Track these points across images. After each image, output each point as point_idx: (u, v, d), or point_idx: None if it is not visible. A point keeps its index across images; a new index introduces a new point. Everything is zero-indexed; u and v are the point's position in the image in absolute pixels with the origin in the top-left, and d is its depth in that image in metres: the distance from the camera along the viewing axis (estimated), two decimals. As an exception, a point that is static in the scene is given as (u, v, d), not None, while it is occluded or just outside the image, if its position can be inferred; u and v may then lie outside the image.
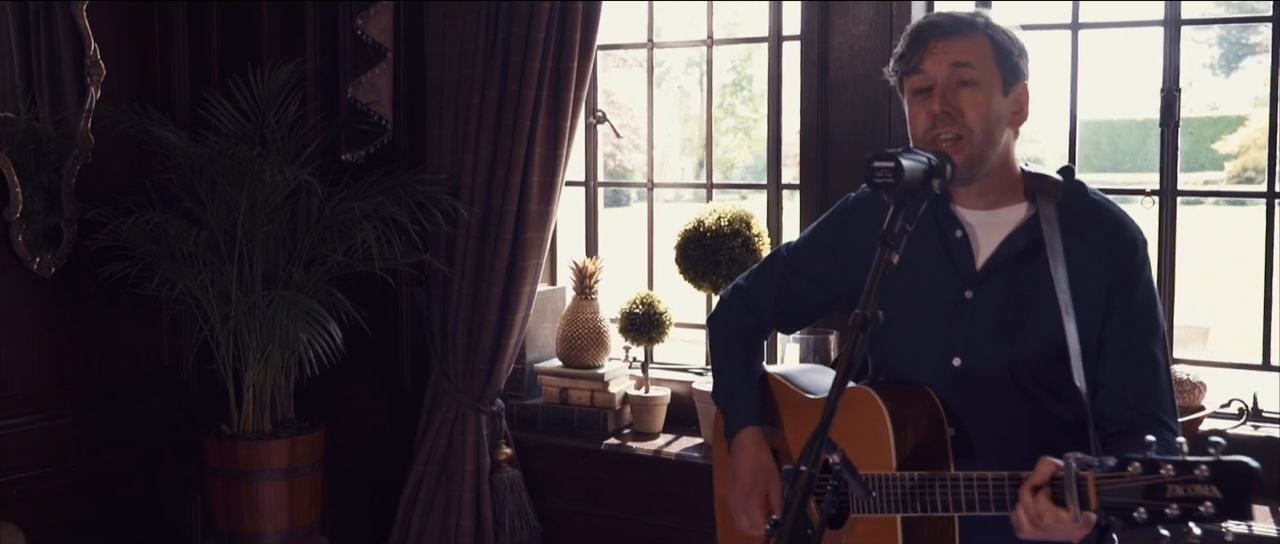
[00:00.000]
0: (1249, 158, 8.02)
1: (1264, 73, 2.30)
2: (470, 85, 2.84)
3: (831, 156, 2.90)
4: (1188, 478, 1.27)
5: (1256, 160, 7.90)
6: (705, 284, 2.86)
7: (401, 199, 2.78)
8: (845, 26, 2.84)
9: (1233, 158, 8.27)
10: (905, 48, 1.68)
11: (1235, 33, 8.52)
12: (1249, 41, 8.76)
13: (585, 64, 2.79)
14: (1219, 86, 2.70)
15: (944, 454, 1.61)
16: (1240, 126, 8.80)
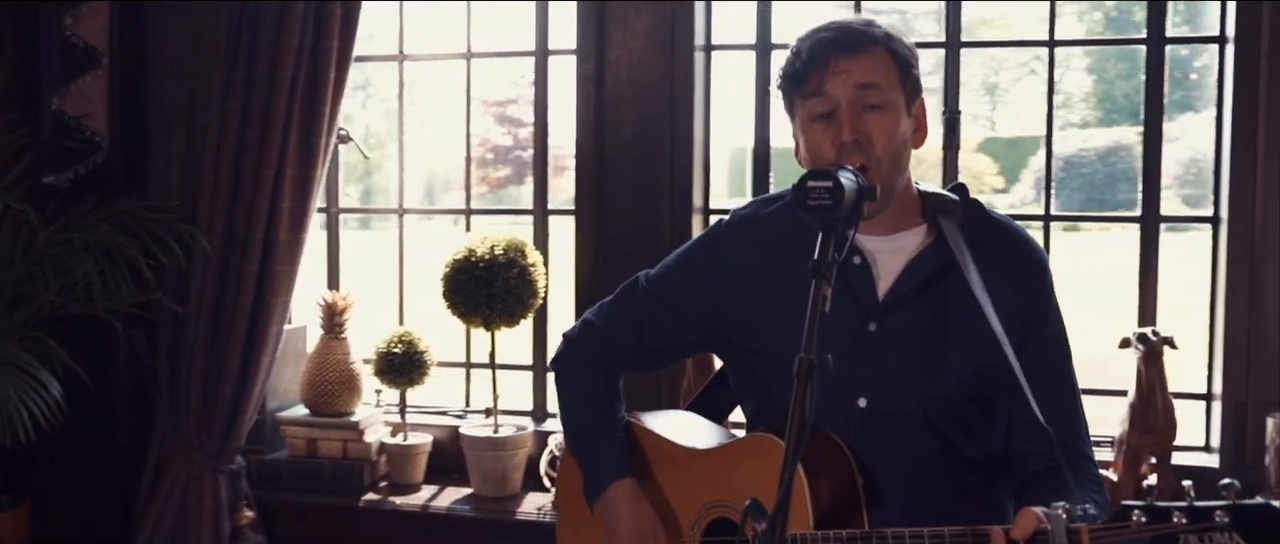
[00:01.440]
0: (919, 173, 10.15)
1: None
2: (207, 97, 3.08)
3: (608, 178, 3.41)
4: (1205, 526, 1.39)
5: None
6: (477, 319, 3.24)
7: (129, 228, 2.97)
8: (622, 40, 3.36)
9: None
10: (801, 66, 1.78)
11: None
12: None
13: (342, 74, 3.08)
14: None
15: (857, 505, 1.70)
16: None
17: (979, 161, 13.07)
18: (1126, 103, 14.97)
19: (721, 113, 3.44)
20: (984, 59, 15.47)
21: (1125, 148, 14.51)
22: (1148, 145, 3.19)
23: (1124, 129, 14.81)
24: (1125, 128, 14.90)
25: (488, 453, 3.28)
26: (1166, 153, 3.21)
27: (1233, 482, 1.41)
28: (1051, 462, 1.75)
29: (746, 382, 1.96)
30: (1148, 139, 3.19)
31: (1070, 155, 16.20)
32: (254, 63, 3.05)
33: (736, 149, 3.93)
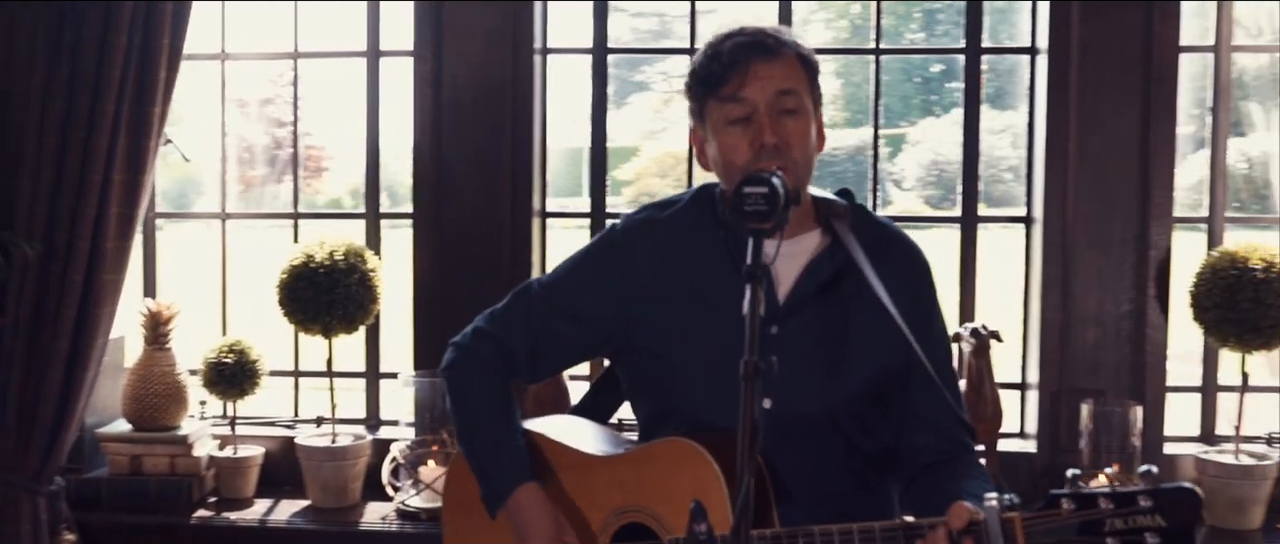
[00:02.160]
0: (644, 184, 10.69)
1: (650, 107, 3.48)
2: (26, 98, 3.22)
3: (446, 183, 3.72)
4: (1129, 510, 1.63)
5: (650, 186, 10.55)
6: (315, 327, 3.51)
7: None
8: (460, 42, 3.68)
9: (629, 184, 11.36)
10: (719, 69, 1.96)
11: (624, 71, 11.26)
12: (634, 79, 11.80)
13: (173, 74, 3.25)
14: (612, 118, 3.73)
15: (769, 504, 1.89)
16: (634, 156, 12.18)
17: None
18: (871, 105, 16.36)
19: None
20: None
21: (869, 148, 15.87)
22: (967, 149, 3.72)
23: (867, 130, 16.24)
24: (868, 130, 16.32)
25: (326, 463, 3.54)
26: (909, 156, 3.76)
27: (1150, 469, 1.68)
28: (941, 454, 2.05)
29: (645, 386, 2.17)
30: (967, 143, 3.72)
31: (823, 156, 17.45)
32: (79, 61, 3.22)
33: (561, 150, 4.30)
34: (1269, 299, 3.27)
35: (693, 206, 2.17)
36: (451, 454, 3.47)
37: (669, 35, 9.79)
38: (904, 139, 17.48)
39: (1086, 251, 3.54)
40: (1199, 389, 3.70)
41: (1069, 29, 3.51)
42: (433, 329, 3.68)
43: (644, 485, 2.03)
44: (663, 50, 5.87)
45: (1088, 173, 3.52)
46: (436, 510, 3.44)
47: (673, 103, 15.63)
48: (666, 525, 2.01)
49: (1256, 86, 4.68)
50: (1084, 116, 3.51)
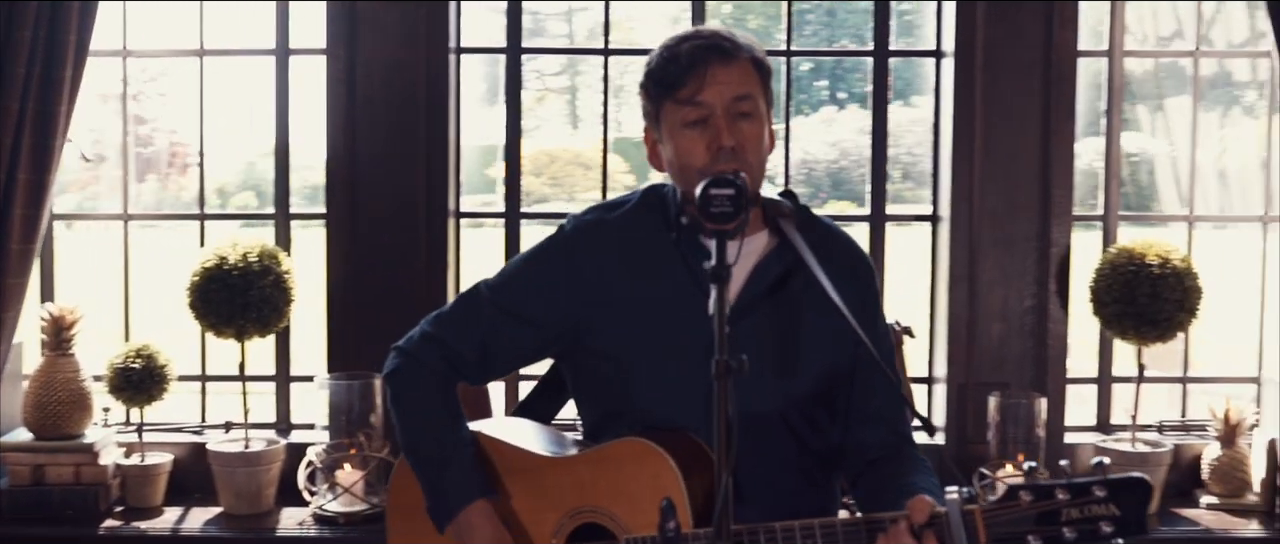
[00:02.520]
0: (523, 184, 11.41)
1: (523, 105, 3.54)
2: None
3: (360, 182, 3.67)
4: (1084, 500, 1.67)
5: (530, 185, 11.42)
6: (229, 330, 3.44)
7: None
8: (374, 40, 3.63)
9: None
10: (677, 72, 1.97)
11: (495, 69, 11.75)
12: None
13: (79, 71, 3.16)
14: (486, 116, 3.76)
15: (725, 505, 1.88)
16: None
17: (610, 161, 14.05)
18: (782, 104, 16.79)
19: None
20: (612, 62, 16.73)
21: None
22: (875, 150, 3.80)
23: None
24: None
25: (240, 469, 3.47)
26: (775, 155, 3.86)
27: (1103, 460, 1.71)
28: (887, 449, 2.09)
29: (595, 387, 2.15)
30: (875, 144, 3.80)
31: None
32: (-20, 58, 3.12)
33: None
34: (1165, 293, 3.41)
35: (642, 208, 2.17)
36: (369, 457, 3.44)
37: (542, 33, 9.89)
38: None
39: (991, 249, 3.64)
40: (1096, 381, 3.83)
41: (974, 32, 3.60)
42: (347, 331, 3.64)
43: (600, 486, 2.03)
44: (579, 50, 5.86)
45: (992, 172, 3.63)
46: (355, 514, 3.41)
47: (546, 100, 15.85)
48: (623, 525, 2.01)
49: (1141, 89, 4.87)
50: (988, 118, 3.61)
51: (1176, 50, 4.10)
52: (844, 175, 10.61)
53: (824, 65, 11.62)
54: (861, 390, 2.13)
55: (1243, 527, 3.48)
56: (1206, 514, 3.55)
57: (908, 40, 4.28)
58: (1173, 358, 3.89)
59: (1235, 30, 4.30)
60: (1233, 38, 4.28)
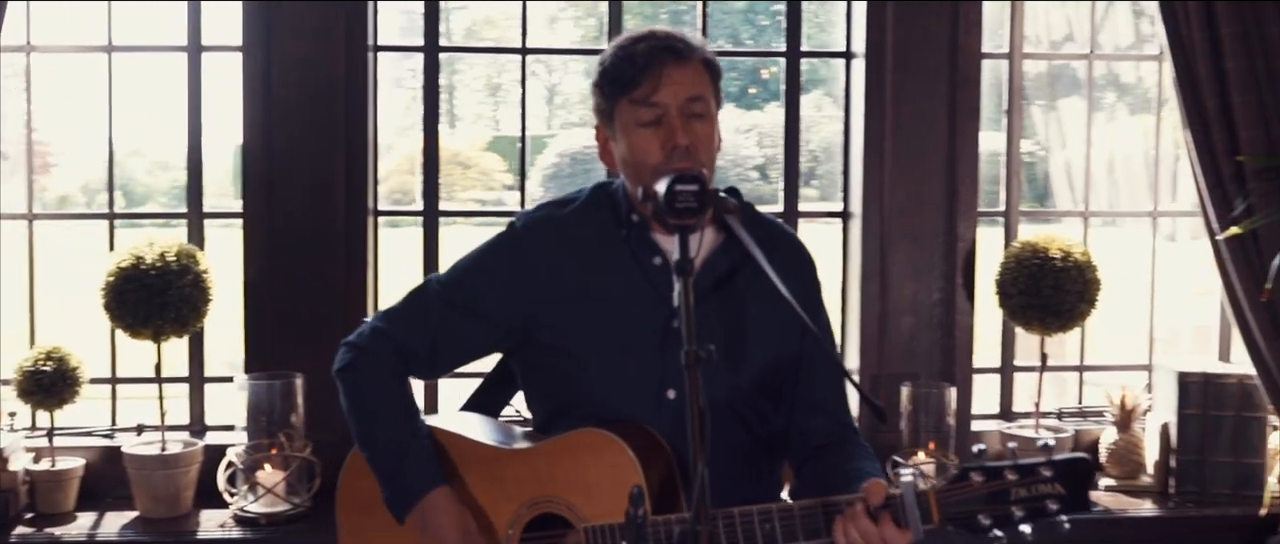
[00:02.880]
0: (396, 182, 11.19)
1: (402, 103, 3.57)
2: None
3: (278, 181, 3.63)
4: (1032, 480, 1.77)
5: (404, 183, 11.19)
6: (146, 331, 3.38)
7: None
8: (291, 38, 3.59)
9: (382, 181, 12.16)
10: (632, 72, 2.02)
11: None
12: (392, 75, 12.26)
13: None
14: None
15: (676, 491, 1.98)
16: (385, 153, 12.80)
17: (488, 159, 14.00)
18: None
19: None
20: (487, 61, 16.86)
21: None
22: (788, 148, 3.89)
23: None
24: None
25: (158, 471, 3.40)
26: None
27: (1048, 442, 1.84)
28: (831, 437, 2.17)
29: (548, 381, 2.19)
30: (788, 143, 3.89)
31: (576, 152, 17.96)
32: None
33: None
34: (1067, 286, 3.55)
35: (591, 205, 2.22)
36: (291, 458, 3.41)
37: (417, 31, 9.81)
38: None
39: (901, 243, 3.75)
40: (999, 370, 3.97)
41: (884, 34, 3.71)
42: (264, 331, 3.60)
43: (558, 476, 2.07)
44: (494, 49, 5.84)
45: (901, 170, 3.73)
46: (277, 515, 3.38)
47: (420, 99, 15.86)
48: (581, 514, 2.05)
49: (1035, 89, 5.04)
50: (897, 118, 3.72)
51: (1070, 53, 4.26)
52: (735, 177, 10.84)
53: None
54: (807, 380, 2.20)
55: (1139, 506, 3.64)
56: (1105, 496, 3.70)
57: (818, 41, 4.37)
58: (1070, 348, 4.06)
59: (1121, 34, 4.49)
60: (1119, 41, 4.46)
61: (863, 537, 1.84)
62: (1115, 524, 3.57)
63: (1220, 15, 3.28)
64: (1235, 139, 3.35)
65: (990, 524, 1.80)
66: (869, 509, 1.85)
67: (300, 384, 3.45)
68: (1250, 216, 3.33)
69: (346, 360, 2.20)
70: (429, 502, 2.08)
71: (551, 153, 18.57)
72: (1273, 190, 3.33)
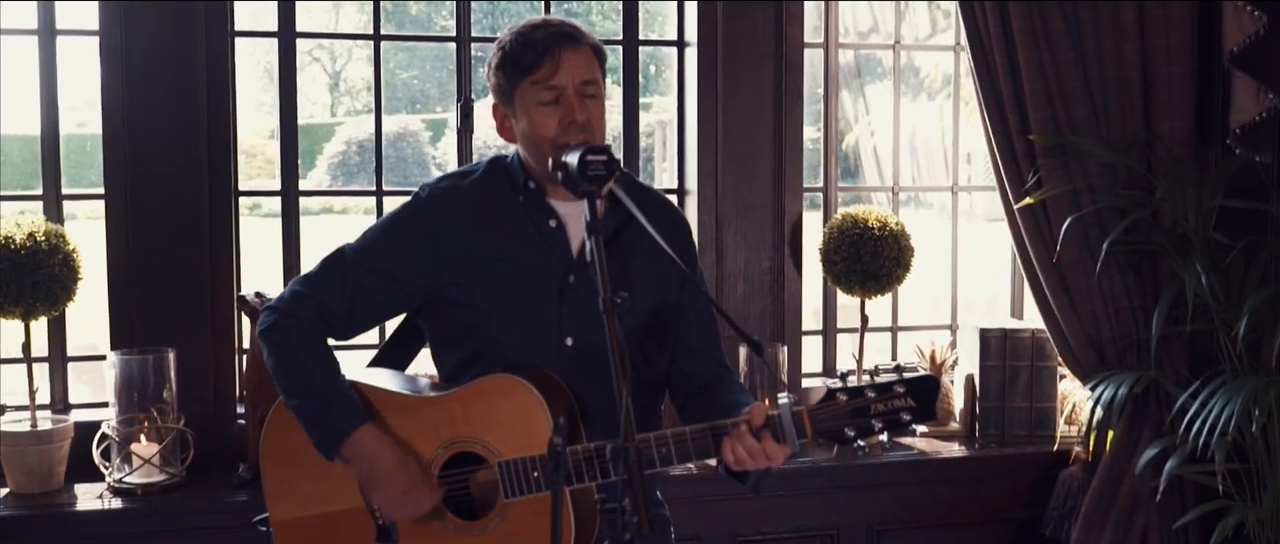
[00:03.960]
0: None
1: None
2: None
3: (141, 163, 3.69)
4: (888, 396, 2.13)
5: None
6: (15, 310, 3.42)
7: None
8: (150, 23, 3.66)
9: None
10: (532, 57, 2.28)
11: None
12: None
13: None
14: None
15: (578, 426, 2.26)
16: None
17: (272, 147, 13.96)
18: (405, 91, 16.94)
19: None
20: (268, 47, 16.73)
21: (412, 134, 16.47)
22: (627, 129, 4.18)
23: (405, 116, 16.83)
24: (406, 115, 16.95)
25: (32, 448, 3.46)
26: (450, 140, 4.21)
27: (899, 363, 2.22)
28: (710, 376, 2.47)
29: (455, 335, 2.43)
30: (627, 125, 4.18)
31: (363, 139, 17.96)
32: None
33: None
34: (884, 253, 3.94)
35: (489, 175, 2.46)
36: (164, 429, 3.52)
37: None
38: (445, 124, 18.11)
39: (733, 217, 4.08)
40: (821, 332, 4.35)
41: (715, 25, 4.03)
42: (130, 308, 3.69)
43: (472, 418, 2.31)
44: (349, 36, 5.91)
45: (732, 151, 4.07)
46: (153, 485, 3.49)
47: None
48: (495, 450, 2.29)
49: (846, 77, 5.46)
50: (728, 102, 4.05)
51: (877, 43, 4.67)
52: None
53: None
54: (687, 326, 2.49)
55: (949, 448, 4.07)
56: (919, 441, 4.12)
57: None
58: (884, 311, 4.47)
59: (919, 26, 4.93)
60: (918, 33, 4.90)
61: (748, 452, 2.15)
62: (928, 465, 3.99)
63: (1012, 12, 3.71)
64: (1026, 120, 3.78)
65: (855, 435, 2.15)
66: (752, 429, 2.15)
67: (172, 359, 3.56)
68: (1040, 188, 3.77)
69: (270, 322, 2.40)
70: (356, 438, 2.31)
71: (338, 141, 18.40)
72: (1058, 166, 3.78)
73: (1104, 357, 3.90)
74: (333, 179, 16.97)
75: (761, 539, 3.89)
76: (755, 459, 2.17)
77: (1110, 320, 3.87)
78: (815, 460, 3.90)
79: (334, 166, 17.52)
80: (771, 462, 2.19)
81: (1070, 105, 3.77)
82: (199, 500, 3.49)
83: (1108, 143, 3.80)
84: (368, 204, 4.12)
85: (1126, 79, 3.82)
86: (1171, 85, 3.84)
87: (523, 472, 2.26)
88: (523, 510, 2.29)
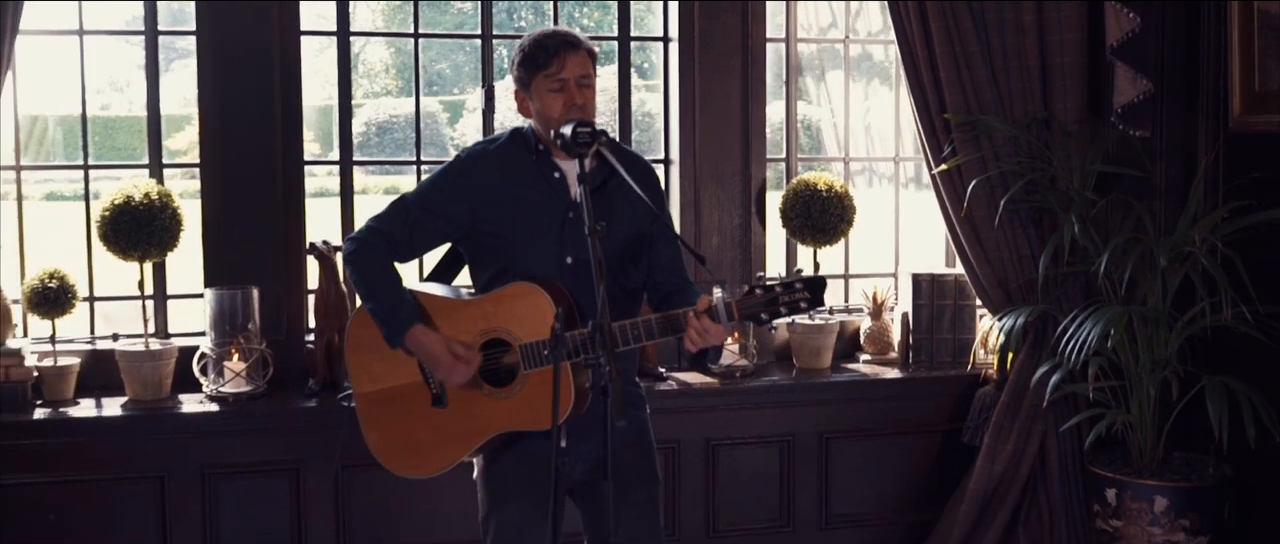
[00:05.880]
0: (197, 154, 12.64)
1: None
2: None
3: (229, 138, 4.61)
4: (792, 291, 2.89)
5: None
6: (135, 254, 4.35)
7: None
8: (235, 24, 4.60)
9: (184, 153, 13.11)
10: (545, 56, 3.12)
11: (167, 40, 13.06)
12: (178, 46, 13.26)
13: (11, 50, 4.06)
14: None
15: (575, 320, 3.04)
16: (187, 125, 13.46)
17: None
18: (424, 75, 17.91)
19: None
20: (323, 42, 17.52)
21: (431, 115, 17.39)
22: (621, 110, 5.07)
23: (425, 99, 17.80)
24: (426, 98, 17.91)
25: (146, 364, 4.39)
26: (469, 121, 5.10)
27: (800, 268, 2.99)
28: (674, 285, 3.33)
29: (487, 257, 3.26)
30: (621, 106, 5.07)
31: (382, 121, 18.68)
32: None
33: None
34: (832, 210, 4.83)
35: (511, 142, 3.34)
36: (250, 350, 4.43)
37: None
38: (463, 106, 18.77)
39: (709, 183, 4.98)
40: (784, 279, 5.23)
41: (692, 23, 4.92)
42: (220, 254, 4.60)
43: (500, 314, 3.20)
44: (391, 33, 6.67)
45: (708, 127, 4.96)
46: (241, 394, 4.40)
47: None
48: (516, 337, 3.19)
49: (809, 66, 6.37)
50: (704, 86, 4.94)
51: (832, 37, 5.57)
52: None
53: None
54: (656, 250, 3.36)
55: (887, 372, 4.97)
56: (864, 367, 5.03)
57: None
58: (837, 262, 5.36)
59: (874, 21, 5.81)
60: (872, 28, 5.78)
61: (696, 333, 3.02)
62: (870, 385, 4.89)
63: (929, 13, 4.59)
64: (943, 102, 4.67)
65: (768, 318, 3.01)
66: (697, 314, 3.04)
67: (255, 294, 4.47)
68: (954, 156, 4.66)
69: (352, 248, 3.28)
70: (413, 331, 3.19)
71: (358, 122, 19.21)
72: (969, 139, 4.66)
73: (1010, 295, 4.78)
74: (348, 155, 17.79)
75: (730, 443, 4.78)
76: (703, 338, 3.05)
77: (1015, 266, 4.76)
78: (775, 380, 4.80)
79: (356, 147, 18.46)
80: (715, 339, 3.04)
81: (979, 90, 4.65)
82: (277, 406, 4.41)
83: (1010, 120, 4.67)
84: (386, 183, 4.99)
85: (1027, 68, 4.70)
86: (1065, 73, 4.71)
87: (536, 351, 3.15)
88: (537, 379, 3.14)
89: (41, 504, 4.23)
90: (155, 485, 4.32)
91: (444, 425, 3.26)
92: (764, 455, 4.84)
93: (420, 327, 3.20)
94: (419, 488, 4.11)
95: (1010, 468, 4.77)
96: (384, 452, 3.35)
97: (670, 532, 4.74)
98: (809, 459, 4.87)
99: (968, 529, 4.80)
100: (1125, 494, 4.48)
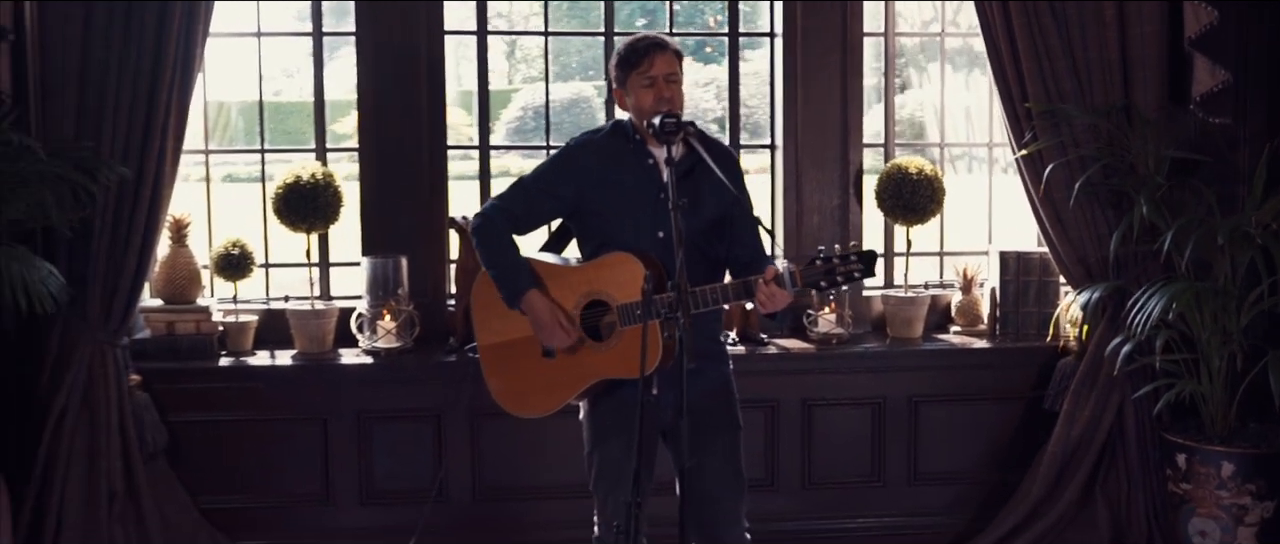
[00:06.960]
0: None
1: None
2: (104, 64, 4.60)
3: (384, 125, 5.26)
4: (847, 262, 3.31)
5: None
6: (303, 226, 5.05)
7: (63, 164, 4.44)
8: (386, 24, 5.24)
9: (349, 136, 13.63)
10: (637, 57, 3.58)
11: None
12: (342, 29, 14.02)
13: (203, 51, 4.76)
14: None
15: (664, 286, 3.44)
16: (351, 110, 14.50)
17: (455, 114, 15.20)
18: (579, 58, 18.26)
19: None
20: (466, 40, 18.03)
21: (585, 99, 17.88)
22: (732, 101, 5.58)
23: (579, 83, 18.27)
24: (579, 83, 18.35)
25: (313, 321, 5.08)
26: None
27: (854, 244, 3.60)
28: (753, 257, 3.77)
29: (592, 231, 3.72)
30: (732, 97, 5.58)
31: (539, 105, 19.15)
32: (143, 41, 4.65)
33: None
34: (922, 192, 5.25)
35: (612, 133, 3.86)
36: (400, 311, 5.08)
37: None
38: (617, 90, 19.17)
39: (810, 167, 5.44)
40: (884, 254, 5.68)
41: (795, 21, 5.39)
42: (375, 227, 5.27)
43: (600, 279, 3.73)
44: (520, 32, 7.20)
45: (809, 116, 5.42)
46: (392, 350, 5.05)
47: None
48: (614, 298, 3.73)
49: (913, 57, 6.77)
50: (806, 77, 5.40)
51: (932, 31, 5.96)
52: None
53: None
54: (737, 227, 3.84)
55: (976, 342, 5.37)
56: (954, 338, 5.44)
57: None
58: (934, 240, 5.77)
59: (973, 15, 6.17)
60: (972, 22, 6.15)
61: (765, 297, 3.50)
62: (958, 353, 5.30)
63: (1012, 11, 4.98)
64: (1026, 91, 5.05)
65: (827, 285, 3.49)
66: (766, 280, 3.52)
67: (404, 263, 5.12)
68: (1036, 142, 5.04)
69: (479, 223, 3.83)
70: (529, 296, 3.74)
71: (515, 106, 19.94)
72: (1049, 125, 5.03)
73: (1090, 272, 5.14)
74: (509, 140, 18.47)
75: (824, 403, 5.26)
76: (771, 301, 3.53)
77: (1094, 244, 5.11)
78: (869, 346, 5.26)
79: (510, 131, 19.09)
80: (781, 303, 3.51)
81: (1059, 81, 5.01)
82: (423, 359, 5.05)
83: (1090, 109, 5.02)
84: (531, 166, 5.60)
85: (1108, 60, 5.03)
86: (1145, 64, 5.04)
87: (630, 311, 3.69)
88: (630, 335, 3.66)
89: (222, 440, 4.95)
90: (320, 427, 5.01)
91: (552, 374, 3.81)
92: (857, 416, 5.29)
93: (535, 291, 3.75)
94: (537, 435, 4.72)
95: (1087, 433, 5.13)
96: (503, 395, 3.93)
97: (769, 481, 5.23)
98: (899, 421, 5.30)
99: (1047, 488, 5.17)
100: (1194, 459, 4.80)
